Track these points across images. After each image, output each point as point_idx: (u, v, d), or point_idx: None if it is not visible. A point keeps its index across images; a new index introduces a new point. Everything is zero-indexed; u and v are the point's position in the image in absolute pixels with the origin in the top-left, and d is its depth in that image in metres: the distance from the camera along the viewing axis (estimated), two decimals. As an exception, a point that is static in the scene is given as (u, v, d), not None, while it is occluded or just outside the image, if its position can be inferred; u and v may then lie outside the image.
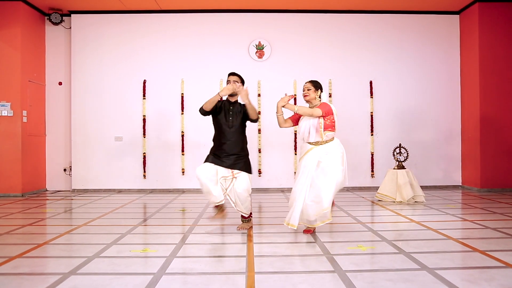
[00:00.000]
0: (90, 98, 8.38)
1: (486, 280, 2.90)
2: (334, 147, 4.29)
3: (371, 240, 4.12)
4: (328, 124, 4.26)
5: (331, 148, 4.26)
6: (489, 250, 3.64)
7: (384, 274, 3.06)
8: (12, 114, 7.61)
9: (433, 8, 8.39)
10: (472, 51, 8.16)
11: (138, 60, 8.41)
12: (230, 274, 3.11)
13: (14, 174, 7.62)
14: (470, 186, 8.22)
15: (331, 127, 4.28)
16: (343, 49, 8.47)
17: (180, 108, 8.32)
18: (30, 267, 3.31)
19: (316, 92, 4.37)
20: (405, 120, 8.48)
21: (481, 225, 4.78)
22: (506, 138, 7.96)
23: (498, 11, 7.98)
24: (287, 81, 8.40)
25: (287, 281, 2.92)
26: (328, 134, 4.27)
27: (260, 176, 8.35)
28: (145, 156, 8.32)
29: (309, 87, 4.38)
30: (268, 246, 3.92)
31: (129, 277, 3.03)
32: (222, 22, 8.43)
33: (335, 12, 8.47)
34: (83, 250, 3.82)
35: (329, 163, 4.20)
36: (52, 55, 8.54)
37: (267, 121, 8.33)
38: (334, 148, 4.27)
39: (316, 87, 4.39)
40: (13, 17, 7.65)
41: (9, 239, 4.30)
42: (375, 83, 8.44)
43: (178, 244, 3.98)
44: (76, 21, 8.42)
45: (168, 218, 5.41)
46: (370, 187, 8.33)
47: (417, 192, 6.59)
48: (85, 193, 8.08)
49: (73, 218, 5.71)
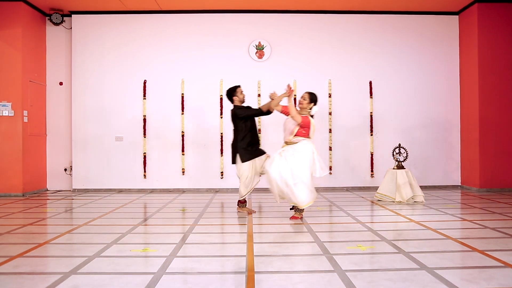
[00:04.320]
0: (91, 98, 8.39)
1: (485, 279, 2.91)
2: (303, 143, 5.08)
3: (370, 239, 4.14)
4: (300, 132, 5.09)
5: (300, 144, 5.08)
6: (488, 250, 3.66)
7: (383, 273, 3.07)
8: (13, 114, 7.63)
9: (433, 8, 8.40)
10: (471, 51, 8.18)
11: (139, 60, 8.42)
12: (230, 274, 3.13)
13: (15, 173, 7.63)
14: (469, 186, 8.23)
15: (302, 135, 5.11)
16: (343, 50, 8.48)
17: (180, 108, 8.33)
18: (31, 267, 3.32)
19: (309, 104, 5.16)
20: (405, 120, 8.49)
21: (480, 225, 4.80)
22: (505, 138, 7.97)
23: (497, 11, 8.00)
24: (287, 81, 8.36)
25: (287, 281, 2.93)
26: (298, 138, 5.10)
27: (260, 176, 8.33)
28: (146, 156, 8.33)
29: (306, 98, 5.18)
30: (268, 246, 3.93)
31: (129, 277, 3.04)
32: (222, 22, 8.44)
33: (335, 13, 8.49)
34: (84, 249, 3.83)
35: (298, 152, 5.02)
36: (53, 55, 8.55)
37: (267, 121, 8.34)
38: (302, 144, 5.07)
39: (311, 100, 5.17)
40: (14, 17, 7.67)
41: (9, 238, 4.31)
42: (375, 83, 8.45)
43: (178, 244, 3.99)
44: (77, 21, 8.43)
45: (168, 218, 5.43)
46: (370, 187, 8.34)
47: (417, 192, 6.60)
48: (85, 193, 8.09)
49: (74, 218, 5.72)
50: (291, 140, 5.14)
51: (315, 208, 6.10)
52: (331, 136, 8.33)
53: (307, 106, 5.17)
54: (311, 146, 5.11)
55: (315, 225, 4.87)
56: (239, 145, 5.55)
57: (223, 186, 8.36)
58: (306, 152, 5.03)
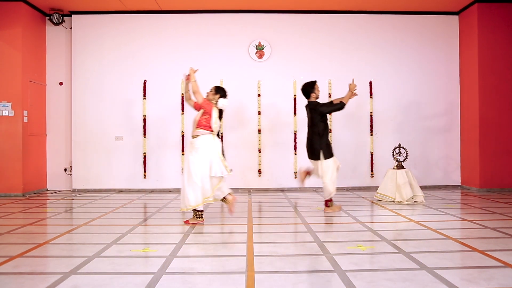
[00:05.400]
0: (91, 98, 8.39)
1: (485, 279, 2.92)
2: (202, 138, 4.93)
3: (370, 239, 4.14)
4: (202, 123, 4.95)
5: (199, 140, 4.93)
6: (488, 250, 3.66)
7: (383, 273, 3.07)
8: (13, 114, 7.63)
9: (433, 8, 8.40)
10: (471, 51, 8.18)
11: (139, 60, 8.42)
12: (230, 274, 3.13)
13: (15, 174, 7.63)
14: (469, 186, 8.23)
15: (204, 126, 4.95)
16: (343, 50, 8.48)
17: (180, 108, 8.33)
18: (31, 267, 3.32)
19: (215, 96, 5.15)
20: (405, 120, 8.49)
21: (480, 225, 4.80)
22: (505, 138, 7.97)
23: (497, 11, 7.99)
24: (287, 81, 8.41)
25: (287, 281, 2.93)
26: (200, 131, 4.95)
27: (260, 176, 8.37)
28: (145, 156, 8.33)
29: (212, 90, 5.20)
30: (268, 246, 3.93)
31: (129, 277, 3.05)
32: (222, 22, 8.44)
33: (335, 13, 8.49)
34: (84, 249, 3.83)
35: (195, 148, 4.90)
36: (53, 55, 8.55)
37: (267, 121, 8.35)
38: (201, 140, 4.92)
39: (217, 92, 5.16)
40: (14, 17, 7.67)
41: (10, 238, 4.31)
42: (375, 83, 8.45)
43: (178, 244, 3.99)
44: (77, 21, 8.43)
45: (168, 218, 5.43)
46: (370, 187, 8.35)
47: (417, 192, 6.60)
48: (85, 193, 8.09)
49: (74, 218, 5.72)
50: (194, 133, 4.99)
51: (315, 208, 6.10)
52: (331, 136, 8.33)
53: (213, 98, 5.13)
54: (211, 143, 4.93)
55: (315, 225, 4.87)
56: (322, 141, 5.65)
57: (223, 186, 8.36)
58: (204, 149, 4.87)
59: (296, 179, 8.34)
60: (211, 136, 4.98)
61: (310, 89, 5.72)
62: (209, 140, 4.95)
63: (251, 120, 8.36)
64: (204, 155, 4.87)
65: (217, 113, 5.03)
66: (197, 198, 4.84)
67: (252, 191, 8.30)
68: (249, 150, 8.34)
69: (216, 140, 5.01)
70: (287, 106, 8.38)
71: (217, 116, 5.02)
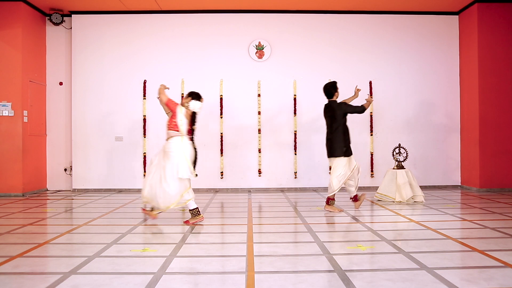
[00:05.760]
0: (91, 98, 8.39)
1: (485, 279, 2.91)
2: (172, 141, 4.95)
3: (370, 239, 4.14)
4: (171, 124, 5.01)
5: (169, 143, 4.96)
6: (488, 250, 3.66)
7: (383, 273, 3.07)
8: (13, 114, 7.63)
9: (433, 8, 8.40)
10: (471, 51, 8.18)
11: (139, 60, 8.42)
12: (230, 274, 3.13)
13: (14, 173, 7.63)
14: (469, 186, 8.23)
15: (174, 127, 4.99)
16: (343, 50, 8.48)
17: (180, 108, 8.32)
18: (31, 267, 3.32)
19: (187, 98, 5.21)
20: (405, 120, 8.49)
21: (480, 225, 4.80)
22: (505, 138, 7.97)
23: (497, 11, 7.99)
24: (287, 81, 8.41)
25: (287, 281, 2.93)
26: (171, 133, 4.99)
27: (260, 176, 8.37)
28: (145, 156, 8.33)
29: (186, 94, 5.29)
30: (268, 246, 3.93)
31: (129, 277, 3.05)
32: (222, 22, 8.44)
33: (335, 13, 8.49)
34: (84, 249, 3.84)
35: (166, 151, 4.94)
36: (53, 55, 8.55)
37: (267, 121, 8.34)
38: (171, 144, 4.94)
39: (189, 95, 5.22)
40: (14, 17, 7.66)
41: (9, 238, 4.31)
42: (375, 83, 8.45)
43: (178, 244, 3.99)
44: (77, 21, 8.43)
45: (168, 218, 5.42)
46: (370, 187, 8.34)
47: (417, 192, 6.60)
48: (85, 193, 8.09)
49: (74, 218, 5.73)
50: (166, 136, 5.05)
51: (315, 208, 6.10)
52: (331, 136, 8.33)
53: (185, 100, 5.20)
54: (179, 145, 4.94)
55: (315, 225, 4.87)
56: (345, 138, 5.85)
57: (223, 186, 8.37)
58: (173, 153, 4.90)
59: (296, 179, 8.36)
60: (180, 138, 4.99)
61: (333, 90, 5.91)
62: (177, 143, 4.96)
63: (251, 120, 8.36)
64: (173, 158, 4.89)
65: (183, 113, 5.04)
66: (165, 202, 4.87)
67: (252, 191, 8.30)
68: (249, 150, 8.34)
69: (184, 141, 4.99)
70: (287, 106, 8.38)
71: (183, 116, 5.02)
